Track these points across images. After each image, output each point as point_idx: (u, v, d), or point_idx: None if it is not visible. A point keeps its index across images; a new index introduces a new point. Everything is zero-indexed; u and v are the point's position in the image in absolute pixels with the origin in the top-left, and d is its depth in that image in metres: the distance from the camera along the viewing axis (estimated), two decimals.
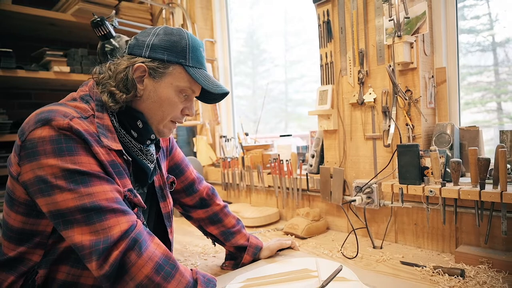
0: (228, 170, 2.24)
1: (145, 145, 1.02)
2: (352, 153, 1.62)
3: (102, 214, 0.79)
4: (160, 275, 0.79)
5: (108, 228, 0.78)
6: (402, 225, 1.48)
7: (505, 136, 1.26)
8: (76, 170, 0.80)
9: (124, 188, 0.89)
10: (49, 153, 0.79)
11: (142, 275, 0.78)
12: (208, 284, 0.86)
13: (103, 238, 0.77)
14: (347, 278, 1.11)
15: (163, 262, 0.81)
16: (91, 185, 0.81)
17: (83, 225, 0.78)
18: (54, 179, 0.79)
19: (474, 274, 1.12)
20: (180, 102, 1.00)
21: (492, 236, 1.23)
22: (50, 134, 0.80)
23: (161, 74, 0.96)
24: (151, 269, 0.78)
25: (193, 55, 0.97)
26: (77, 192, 0.79)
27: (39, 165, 0.80)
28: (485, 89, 1.59)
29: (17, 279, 0.87)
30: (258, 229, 1.82)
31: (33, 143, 0.80)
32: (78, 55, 2.56)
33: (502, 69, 1.52)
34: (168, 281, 0.80)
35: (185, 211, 1.36)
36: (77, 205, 0.78)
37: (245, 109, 2.83)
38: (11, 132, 2.29)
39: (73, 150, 0.81)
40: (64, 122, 0.82)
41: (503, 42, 1.50)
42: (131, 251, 0.78)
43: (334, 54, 1.64)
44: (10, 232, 0.89)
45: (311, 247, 1.50)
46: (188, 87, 0.99)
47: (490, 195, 1.09)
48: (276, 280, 1.12)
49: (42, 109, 0.86)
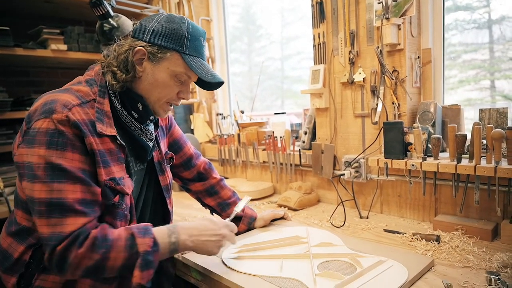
0: (224, 146, 2.33)
1: (144, 125, 1.10)
2: (342, 130, 1.71)
3: (63, 211, 0.87)
4: (99, 252, 0.87)
5: (64, 225, 0.87)
6: (387, 197, 1.59)
7: (484, 114, 1.35)
8: (57, 166, 0.88)
9: (108, 176, 0.96)
10: (42, 144, 0.88)
11: (84, 262, 0.87)
12: (144, 233, 0.93)
13: (57, 233, 0.86)
14: (334, 243, 1.23)
15: (98, 240, 0.88)
16: (64, 182, 0.88)
17: (44, 218, 0.87)
18: (37, 169, 0.87)
19: (449, 240, 1.24)
20: (176, 86, 1.06)
21: (466, 205, 1.34)
22: (48, 127, 0.88)
23: (159, 58, 1.02)
24: (89, 252, 0.87)
25: (191, 43, 1.03)
26: (50, 186, 0.87)
27: (32, 152, 0.88)
28: (479, 67, 1.61)
29: (26, 250, 0.96)
30: (253, 202, 1.93)
31: (34, 132, 0.89)
32: (75, 33, 2.58)
33: (497, 47, 1.54)
34: (107, 252, 0.88)
35: (184, 184, 1.45)
36: (45, 198, 0.86)
37: (240, 86, 2.85)
38: (11, 110, 2.34)
39: (63, 145, 0.89)
40: (63, 115, 0.89)
41: (499, 20, 1.51)
42: (72, 245, 0.86)
43: (326, 34, 1.69)
44: (22, 203, 0.98)
45: (303, 218, 1.61)
46: (184, 72, 1.05)
47: (465, 168, 1.19)
48: (269, 246, 1.23)
49: (49, 97, 0.93)
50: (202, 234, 1.02)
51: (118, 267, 0.90)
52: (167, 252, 0.97)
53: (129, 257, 0.90)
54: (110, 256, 0.89)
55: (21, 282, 0.95)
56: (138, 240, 0.92)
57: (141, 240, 0.92)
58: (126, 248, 0.90)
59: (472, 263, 1.06)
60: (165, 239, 0.96)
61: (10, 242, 0.98)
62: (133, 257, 0.90)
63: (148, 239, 0.93)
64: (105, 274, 0.91)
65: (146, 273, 0.90)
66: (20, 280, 0.95)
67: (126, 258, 0.90)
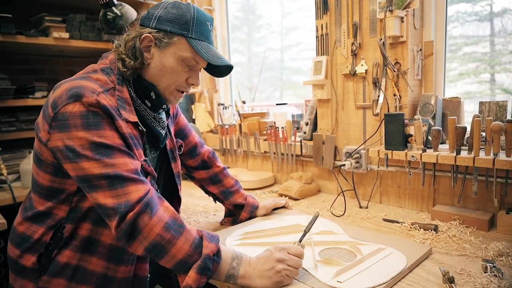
0: (226, 136, 2.35)
1: (157, 113, 1.11)
2: (344, 121, 1.73)
3: (123, 181, 0.90)
4: (170, 232, 0.90)
5: (128, 194, 0.89)
6: (387, 187, 1.62)
7: (484, 106, 1.37)
8: (101, 143, 0.90)
9: (140, 158, 1.00)
10: (78, 127, 0.89)
11: (154, 233, 0.89)
12: (212, 239, 0.96)
13: (123, 201, 0.88)
14: (334, 231, 1.26)
15: (171, 222, 0.92)
16: (114, 157, 0.91)
17: (106, 190, 0.89)
18: (82, 149, 0.89)
19: (446, 229, 1.27)
20: (184, 71, 1.07)
21: (464, 196, 1.37)
22: (81, 109, 0.90)
23: (166, 44, 1.03)
24: (161, 228, 0.89)
25: (197, 28, 1.04)
26: (102, 162, 0.89)
27: (69, 136, 0.89)
28: (479, 60, 1.61)
29: (46, 231, 0.99)
30: (254, 191, 1.96)
31: (65, 116, 0.90)
32: (76, 21, 2.57)
33: (498, 40, 1.54)
34: (177, 238, 0.90)
35: (189, 172, 1.48)
36: (101, 173, 0.89)
37: (240, 76, 2.84)
38: (14, 98, 2.35)
39: (99, 125, 0.91)
40: (93, 98, 0.91)
41: (500, 12, 1.51)
42: (144, 213, 0.89)
43: (329, 26, 1.70)
44: (40, 188, 1.00)
45: (303, 207, 1.64)
46: (191, 57, 1.05)
47: (464, 159, 1.22)
48: (271, 233, 1.26)
49: (72, 84, 0.94)
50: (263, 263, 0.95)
51: (177, 260, 0.90)
52: (225, 274, 0.94)
53: (191, 255, 0.90)
54: (177, 243, 0.90)
55: (41, 259, 0.98)
56: (205, 242, 0.93)
57: (208, 243, 0.93)
58: (193, 243, 0.91)
59: (469, 252, 1.09)
60: (228, 259, 0.95)
61: (28, 226, 1.00)
62: (194, 257, 0.90)
63: (214, 245, 0.93)
64: (161, 260, 0.91)
65: (200, 278, 0.89)
66: (41, 258, 0.98)
67: (188, 254, 0.90)
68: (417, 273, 0.99)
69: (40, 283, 0.97)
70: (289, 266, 0.93)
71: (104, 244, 1.01)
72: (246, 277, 0.93)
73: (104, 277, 1.01)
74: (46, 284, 0.97)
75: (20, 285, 1.00)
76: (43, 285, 0.97)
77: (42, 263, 0.98)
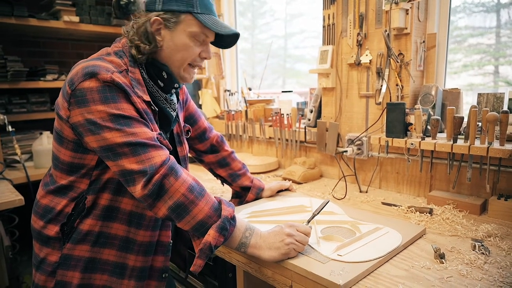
0: (232, 122, 2.42)
1: (169, 94, 1.18)
2: (347, 109, 1.80)
3: (145, 148, 0.97)
4: (193, 193, 0.98)
5: (152, 158, 0.97)
6: (386, 173, 1.69)
7: (482, 98, 1.44)
8: (120, 115, 0.97)
9: (156, 131, 1.07)
10: (97, 101, 0.96)
11: (179, 193, 0.97)
12: (229, 205, 1.05)
13: (148, 165, 0.96)
14: (335, 212, 1.34)
15: (194, 185, 1.00)
16: (134, 127, 0.98)
17: (130, 156, 0.96)
18: (102, 121, 0.96)
19: (440, 212, 1.35)
20: (196, 46, 1.13)
21: (459, 182, 1.45)
22: (97, 85, 0.96)
23: (175, 23, 1.08)
24: (186, 189, 0.97)
25: (200, 2, 1.09)
26: (123, 131, 0.96)
27: (89, 110, 0.96)
28: (484, 52, 1.63)
29: (68, 203, 1.07)
30: (259, 175, 2.04)
31: (82, 92, 0.96)
32: (86, 5, 2.61)
33: (504, 32, 1.56)
34: (199, 199, 0.99)
35: (198, 156, 1.55)
36: (124, 141, 0.96)
37: (243, 63, 2.86)
38: (27, 80, 2.41)
39: (116, 98, 0.98)
40: (107, 76, 0.97)
41: (507, 4, 1.52)
42: (169, 175, 0.97)
43: (336, 16, 1.75)
44: (61, 164, 1.07)
45: (306, 190, 1.72)
46: (201, 32, 1.11)
47: (460, 147, 1.29)
48: (276, 213, 1.35)
49: (87, 63, 1.01)
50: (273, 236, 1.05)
51: (197, 220, 0.97)
52: (238, 241, 1.02)
53: (210, 216, 0.98)
54: (199, 204, 0.98)
55: (64, 228, 1.06)
56: (223, 206, 1.02)
57: (226, 207, 1.02)
58: (213, 206, 1.00)
59: (460, 233, 1.18)
60: (242, 228, 1.03)
61: (51, 198, 1.08)
62: (213, 218, 0.98)
63: (232, 210, 1.02)
64: (182, 221, 0.97)
65: (219, 237, 0.96)
66: (63, 227, 1.06)
67: (208, 215, 0.98)
68: (411, 250, 1.07)
69: (64, 250, 1.06)
70: (297, 241, 1.02)
71: (124, 210, 1.08)
72: (256, 247, 1.02)
73: (126, 240, 1.09)
74: (70, 251, 1.06)
75: (45, 254, 1.08)
76: (67, 252, 1.06)
77: (65, 232, 1.06)
